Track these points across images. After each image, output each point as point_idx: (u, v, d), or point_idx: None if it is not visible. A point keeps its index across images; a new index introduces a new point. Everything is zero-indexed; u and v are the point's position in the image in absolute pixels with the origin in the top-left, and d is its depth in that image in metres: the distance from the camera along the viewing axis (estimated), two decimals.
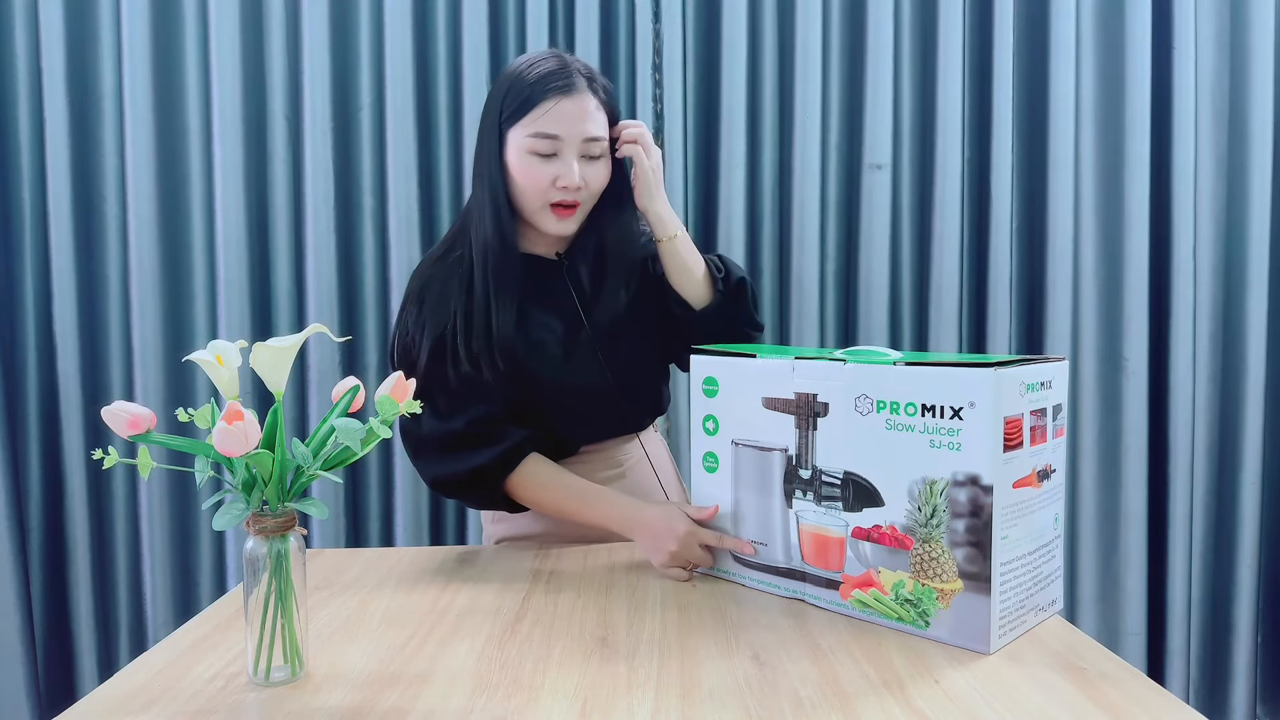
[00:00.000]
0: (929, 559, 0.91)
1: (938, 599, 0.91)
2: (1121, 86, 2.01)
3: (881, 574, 0.96)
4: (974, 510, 0.88)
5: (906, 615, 0.94)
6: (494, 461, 1.19)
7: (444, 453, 1.20)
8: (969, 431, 0.87)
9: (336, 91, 1.95)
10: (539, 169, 1.16)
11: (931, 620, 0.92)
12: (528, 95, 1.15)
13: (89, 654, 1.99)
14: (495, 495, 1.23)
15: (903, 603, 0.94)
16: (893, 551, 0.94)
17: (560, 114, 1.15)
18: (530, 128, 1.15)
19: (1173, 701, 0.79)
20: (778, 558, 1.06)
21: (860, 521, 0.97)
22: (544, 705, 0.79)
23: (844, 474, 0.98)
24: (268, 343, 0.82)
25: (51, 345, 1.95)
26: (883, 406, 0.94)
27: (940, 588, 0.91)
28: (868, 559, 0.97)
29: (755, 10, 1.99)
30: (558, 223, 1.20)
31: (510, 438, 1.20)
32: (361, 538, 2.02)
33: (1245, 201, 2.03)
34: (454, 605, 1.05)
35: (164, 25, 1.93)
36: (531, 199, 1.19)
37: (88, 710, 0.81)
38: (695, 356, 1.12)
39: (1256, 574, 2.07)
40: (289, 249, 1.96)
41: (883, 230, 2.01)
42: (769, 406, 1.04)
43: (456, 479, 1.21)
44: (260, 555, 0.84)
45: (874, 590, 0.96)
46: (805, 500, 1.02)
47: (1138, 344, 2.02)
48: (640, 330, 1.32)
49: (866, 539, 0.96)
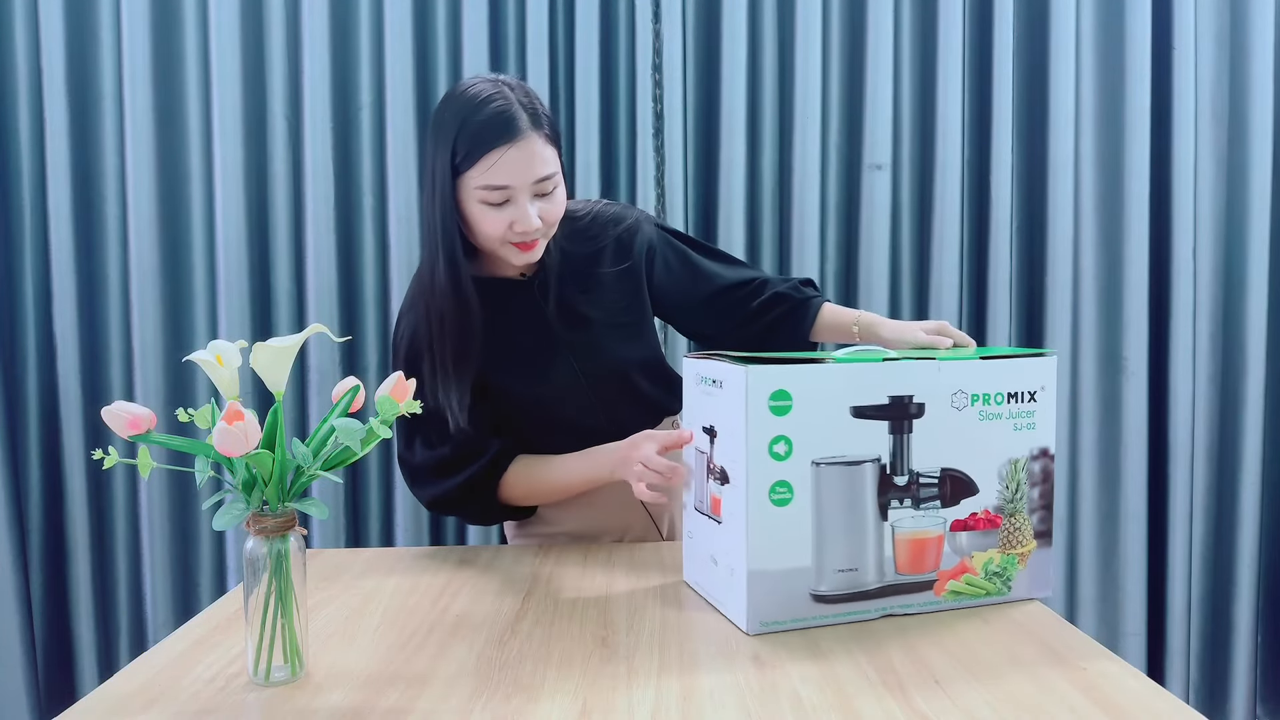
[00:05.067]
0: (1014, 530, 1.03)
1: (1019, 562, 1.03)
2: (1121, 86, 2.01)
3: (974, 558, 1.02)
4: (1044, 477, 1.03)
5: (994, 588, 1.03)
6: (480, 472, 1.24)
7: (437, 476, 1.25)
8: (1041, 412, 1.02)
9: (336, 91, 1.95)
10: (493, 216, 1.14)
11: (1012, 584, 1.03)
12: (471, 147, 1.11)
13: (89, 654, 1.99)
14: (491, 505, 1.29)
15: (990, 577, 1.03)
16: (985, 534, 1.02)
17: (508, 164, 1.11)
18: (479, 180, 1.12)
19: (1173, 701, 0.79)
20: (868, 580, 0.98)
21: (957, 514, 1.01)
22: (544, 705, 0.79)
23: (941, 471, 1.00)
24: (268, 343, 0.82)
25: (51, 345, 1.95)
26: (976, 399, 1.00)
27: (1021, 552, 1.03)
28: (963, 548, 1.02)
29: (755, 10, 1.99)
30: (522, 255, 1.18)
31: (491, 448, 1.25)
32: (361, 538, 2.02)
33: (1245, 201, 2.03)
34: (454, 605, 1.05)
35: (164, 25, 1.93)
36: (491, 243, 1.17)
37: (88, 710, 0.81)
38: (755, 367, 0.92)
39: (1256, 574, 2.07)
40: (289, 249, 1.96)
41: (883, 230, 2.00)
42: (860, 416, 0.96)
43: (450, 496, 1.26)
44: (260, 555, 0.84)
45: (966, 575, 1.02)
46: (902, 508, 0.99)
47: (1138, 344, 2.02)
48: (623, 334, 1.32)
49: (964, 529, 1.01)
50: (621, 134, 1.98)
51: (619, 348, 1.31)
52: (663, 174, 1.97)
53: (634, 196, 1.96)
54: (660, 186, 1.97)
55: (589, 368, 1.29)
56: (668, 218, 1.96)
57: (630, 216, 1.35)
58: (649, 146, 1.95)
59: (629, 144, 1.97)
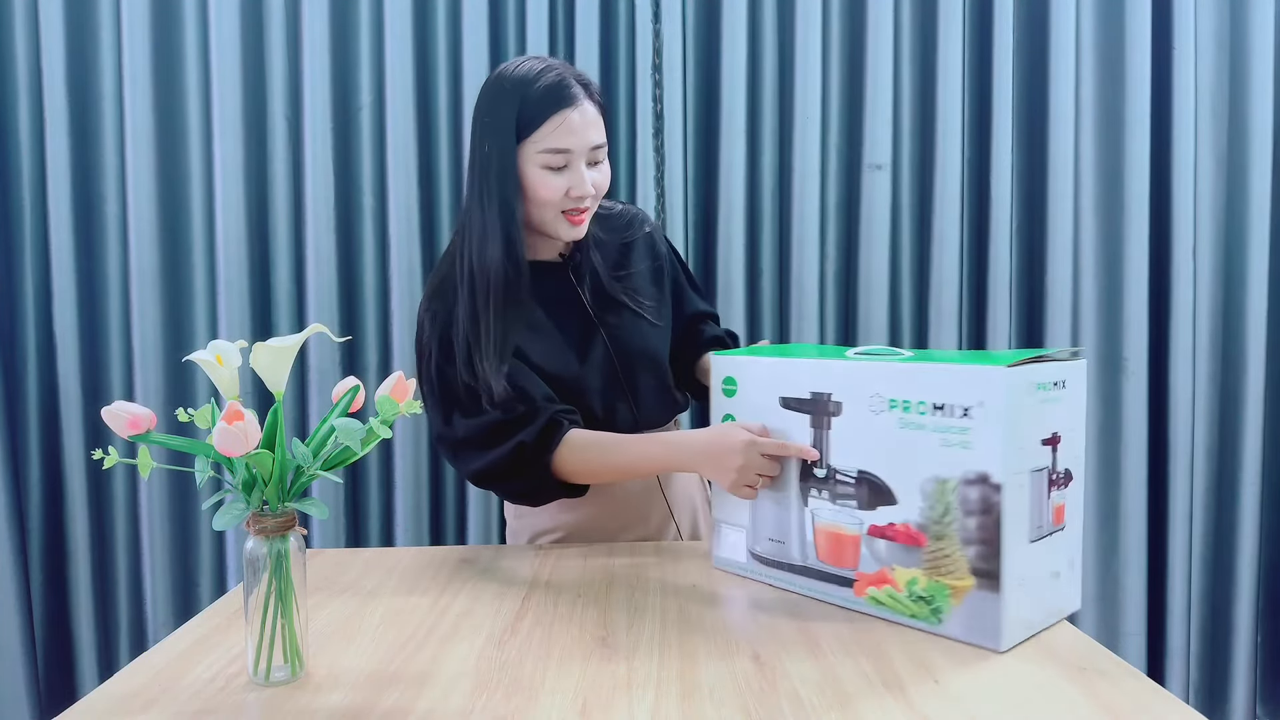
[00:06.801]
0: (941, 556, 0.92)
1: (950, 596, 0.92)
2: (1121, 86, 2.01)
3: (895, 571, 0.96)
4: (985, 508, 0.88)
5: (920, 612, 0.95)
6: (533, 438, 1.18)
7: (484, 445, 1.19)
8: (978, 430, 0.88)
9: (336, 91, 1.95)
10: (553, 181, 1.18)
11: (944, 617, 0.93)
12: (535, 112, 1.16)
13: (89, 654, 1.99)
14: (542, 478, 1.20)
15: (916, 599, 0.95)
16: (907, 549, 0.95)
17: (570, 128, 1.16)
18: (542, 143, 1.16)
19: (1173, 701, 0.79)
20: (794, 555, 1.07)
21: (875, 519, 0.98)
22: (544, 705, 0.79)
23: (858, 473, 0.99)
24: (268, 343, 0.82)
25: (51, 345, 1.95)
26: (894, 405, 0.95)
27: (953, 584, 0.92)
28: (882, 556, 0.97)
29: (755, 10, 1.99)
30: (572, 228, 1.22)
31: (545, 412, 1.19)
32: (361, 538, 2.02)
33: (1245, 201, 2.03)
34: (454, 605, 1.05)
35: (164, 25, 1.93)
36: (545, 210, 1.20)
37: (88, 710, 0.81)
38: (716, 357, 1.15)
39: (1256, 574, 2.07)
40: (289, 249, 1.96)
41: (883, 230, 2.01)
42: (785, 406, 1.06)
43: (498, 467, 1.19)
44: (260, 555, 0.84)
45: (888, 587, 0.97)
46: (821, 499, 1.03)
47: (1138, 344, 2.02)
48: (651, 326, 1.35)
49: (881, 536, 0.97)
50: (621, 134, 1.98)
51: (650, 336, 1.34)
52: (663, 174, 1.97)
53: (634, 196, 1.96)
54: (660, 186, 1.97)
55: (622, 351, 1.30)
56: (668, 218, 1.96)
57: (651, 220, 1.43)
58: (649, 146, 1.95)
59: (629, 144, 1.97)
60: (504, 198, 1.18)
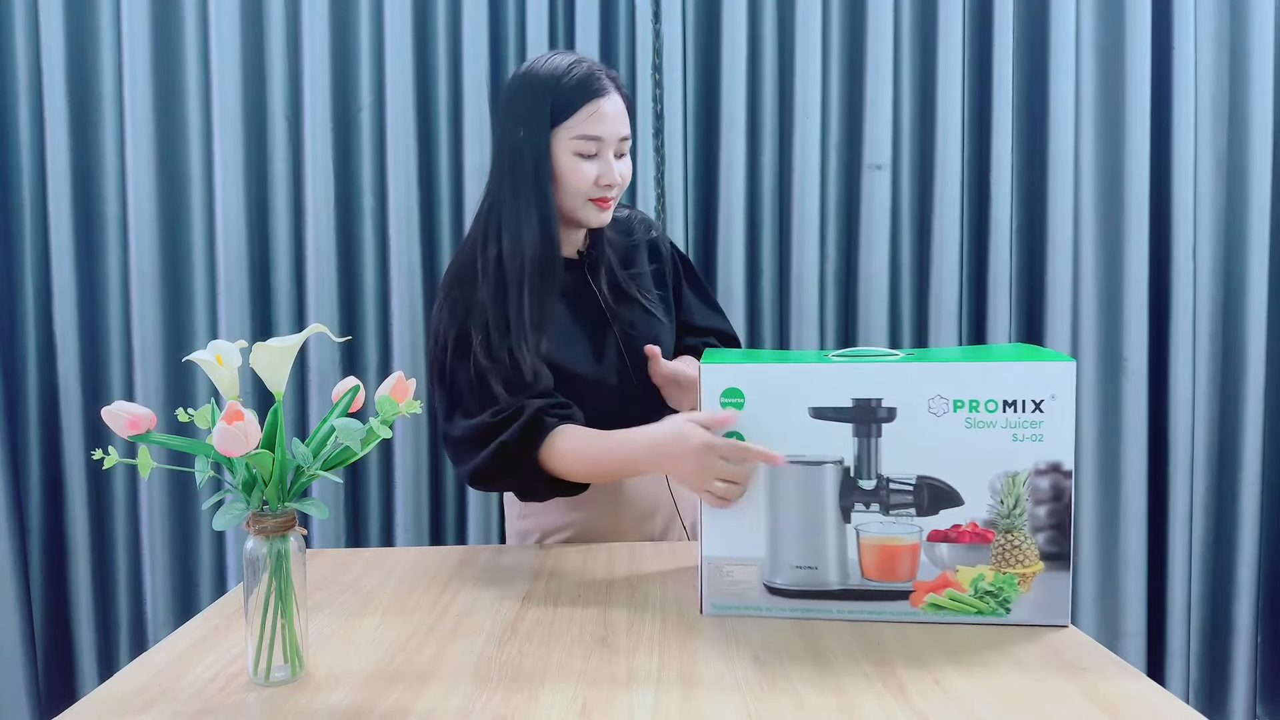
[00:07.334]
0: (1011, 548, 0.96)
1: (1019, 584, 0.96)
2: (1121, 86, 2.01)
3: (959, 572, 0.97)
4: (1056, 495, 0.94)
5: (986, 607, 0.97)
6: (515, 439, 1.16)
7: (475, 445, 1.19)
8: (1050, 423, 0.93)
9: (336, 91, 1.95)
10: (584, 168, 1.21)
11: (1013, 606, 0.96)
12: (570, 100, 1.19)
13: (89, 654, 1.99)
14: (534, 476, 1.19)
15: (982, 596, 0.97)
16: (971, 548, 0.96)
17: (602, 116, 1.20)
18: (575, 130, 1.19)
19: (1173, 701, 0.79)
20: (830, 580, 0.99)
21: (937, 524, 0.97)
22: (544, 705, 0.79)
23: (917, 478, 0.96)
24: (268, 343, 0.82)
25: (51, 345, 1.95)
26: (960, 405, 0.95)
27: (1022, 573, 0.96)
28: (944, 560, 0.97)
29: (755, 10, 1.99)
30: (600, 213, 1.25)
31: (529, 410, 1.17)
32: (361, 538, 2.02)
33: (1245, 201, 2.03)
34: (454, 605, 1.05)
35: (164, 25, 1.93)
36: (575, 197, 1.23)
37: (88, 710, 0.81)
38: (709, 365, 0.99)
39: (1256, 574, 2.07)
40: (289, 249, 1.96)
41: (883, 230, 2.01)
42: (819, 417, 0.97)
43: (487, 468, 1.19)
44: (260, 555, 0.84)
45: (950, 590, 0.97)
46: (869, 512, 0.98)
47: (1138, 344, 2.02)
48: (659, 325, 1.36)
49: (944, 540, 0.96)
50: None
51: (662, 332, 1.37)
52: (663, 174, 1.97)
53: (634, 197, 1.96)
54: (660, 186, 1.97)
55: (634, 347, 1.31)
56: (668, 218, 1.97)
57: (656, 225, 1.46)
58: (649, 146, 1.95)
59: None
60: (539, 182, 1.21)
